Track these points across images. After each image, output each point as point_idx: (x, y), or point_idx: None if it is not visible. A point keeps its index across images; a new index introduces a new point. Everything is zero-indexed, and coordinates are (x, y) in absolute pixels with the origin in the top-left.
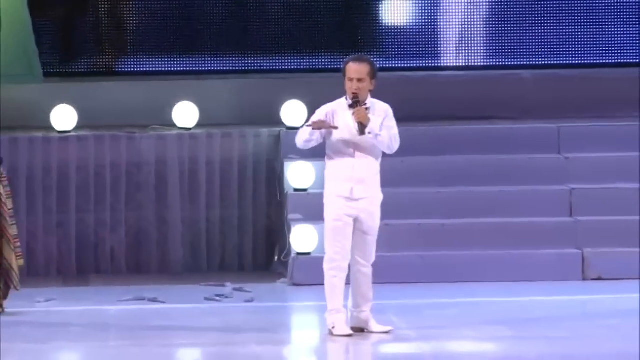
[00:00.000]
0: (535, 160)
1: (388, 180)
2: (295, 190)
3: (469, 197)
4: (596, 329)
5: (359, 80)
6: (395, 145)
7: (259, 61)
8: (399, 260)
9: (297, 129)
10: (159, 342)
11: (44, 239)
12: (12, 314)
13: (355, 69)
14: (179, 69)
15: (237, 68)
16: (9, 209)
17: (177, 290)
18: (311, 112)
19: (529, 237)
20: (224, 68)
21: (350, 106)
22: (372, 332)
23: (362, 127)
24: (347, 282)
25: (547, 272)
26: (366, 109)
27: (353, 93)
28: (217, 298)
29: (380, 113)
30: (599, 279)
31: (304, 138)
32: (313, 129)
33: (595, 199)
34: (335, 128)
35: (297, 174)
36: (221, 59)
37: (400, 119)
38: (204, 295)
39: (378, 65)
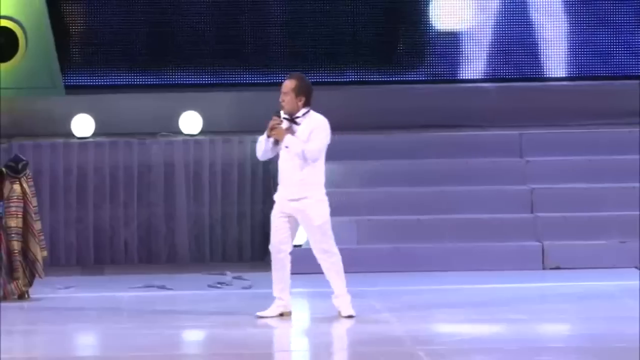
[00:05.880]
0: (499, 163)
1: (368, 181)
2: None
3: (440, 196)
4: (553, 312)
5: (284, 93)
6: (309, 156)
7: (255, 76)
8: (377, 251)
9: None
10: (166, 324)
11: (64, 232)
12: (36, 299)
13: (284, 84)
14: (185, 82)
15: (236, 82)
16: (34, 206)
17: (183, 279)
18: None
19: (495, 231)
20: (225, 82)
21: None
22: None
23: (275, 142)
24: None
25: (511, 262)
26: (293, 120)
27: (280, 104)
28: (219, 285)
29: (309, 125)
30: (557, 268)
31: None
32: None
33: (554, 197)
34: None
35: None
36: (223, 74)
37: (379, 127)
38: (207, 283)
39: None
